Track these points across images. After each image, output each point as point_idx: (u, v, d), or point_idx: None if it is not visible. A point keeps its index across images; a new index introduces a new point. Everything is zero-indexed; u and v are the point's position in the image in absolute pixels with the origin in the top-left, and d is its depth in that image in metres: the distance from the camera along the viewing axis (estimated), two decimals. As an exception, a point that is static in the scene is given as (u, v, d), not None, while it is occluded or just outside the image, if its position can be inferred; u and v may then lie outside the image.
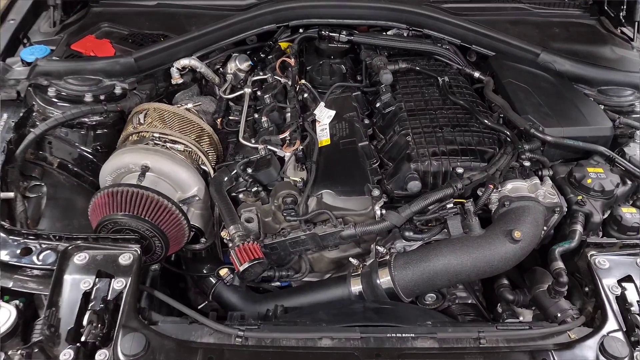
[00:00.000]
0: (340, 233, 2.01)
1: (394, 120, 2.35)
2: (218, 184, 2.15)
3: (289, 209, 2.02)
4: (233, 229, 1.97)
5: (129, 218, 1.95)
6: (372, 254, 2.12)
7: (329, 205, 2.04)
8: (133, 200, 1.97)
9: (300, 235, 2.04)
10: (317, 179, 2.09)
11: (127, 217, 1.95)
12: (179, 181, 2.15)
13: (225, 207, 2.04)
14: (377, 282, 1.98)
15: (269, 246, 2.07)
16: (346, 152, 2.19)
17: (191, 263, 2.40)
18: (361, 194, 2.05)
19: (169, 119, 2.30)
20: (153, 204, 1.99)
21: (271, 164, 2.12)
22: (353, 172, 2.11)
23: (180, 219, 2.05)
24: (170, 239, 2.04)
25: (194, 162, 2.24)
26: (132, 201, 1.97)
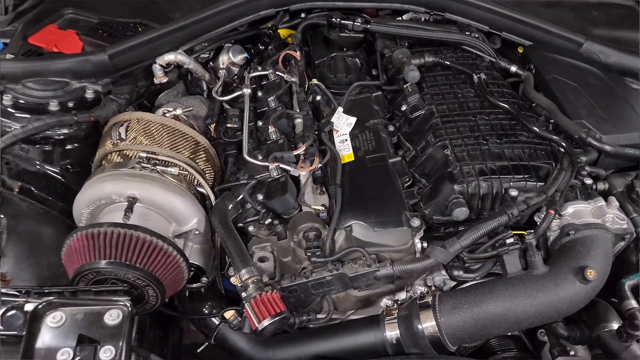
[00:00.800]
0: (375, 273, 1.66)
1: (424, 127, 1.99)
2: (222, 214, 1.77)
3: (313, 246, 1.66)
4: (246, 273, 1.60)
5: (115, 266, 1.57)
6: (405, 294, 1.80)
7: (360, 241, 1.69)
8: (120, 244, 1.58)
9: (325, 276, 1.68)
10: (344, 206, 1.73)
11: (113, 265, 1.57)
12: (175, 213, 1.76)
13: (234, 244, 1.67)
14: (419, 327, 1.65)
15: (286, 289, 1.71)
16: (375, 171, 1.83)
17: (189, 301, 2.02)
18: (398, 225, 1.70)
19: (157, 133, 1.89)
20: (145, 246, 1.61)
21: (287, 190, 1.74)
22: (386, 196, 1.76)
23: (178, 260, 1.68)
24: (166, 285, 1.67)
25: (190, 187, 1.84)
26: (119, 245, 1.58)
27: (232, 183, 1.91)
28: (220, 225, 1.73)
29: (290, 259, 1.71)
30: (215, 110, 2.23)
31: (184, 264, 1.70)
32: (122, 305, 1.51)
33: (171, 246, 1.65)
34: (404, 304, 1.80)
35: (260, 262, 1.73)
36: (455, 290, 1.75)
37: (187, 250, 1.80)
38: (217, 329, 1.98)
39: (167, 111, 2.06)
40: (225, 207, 1.79)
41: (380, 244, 1.69)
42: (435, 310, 1.65)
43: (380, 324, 1.75)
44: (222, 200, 1.81)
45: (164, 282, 1.66)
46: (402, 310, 1.77)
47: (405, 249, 1.69)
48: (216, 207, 1.80)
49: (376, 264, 1.66)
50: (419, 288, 1.75)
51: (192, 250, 1.81)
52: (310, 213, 1.73)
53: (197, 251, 1.83)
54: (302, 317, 1.79)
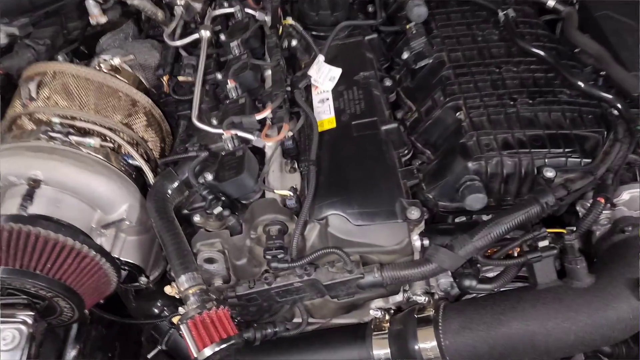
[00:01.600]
0: (359, 281, 1.25)
1: (431, 82, 1.51)
2: (160, 199, 1.35)
3: (275, 246, 1.23)
4: (186, 281, 1.20)
5: (8, 274, 1.17)
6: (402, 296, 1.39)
7: (339, 239, 1.26)
8: (12, 245, 1.17)
9: (293, 282, 1.27)
10: (320, 191, 1.29)
11: (7, 272, 1.16)
12: (96, 198, 1.34)
13: (173, 240, 1.26)
14: (415, 348, 1.27)
15: (244, 297, 1.31)
16: (363, 142, 1.38)
17: (134, 300, 1.64)
18: (390, 217, 1.26)
19: (79, 90, 1.44)
20: (49, 246, 1.20)
21: (244, 167, 1.30)
22: (376, 177, 1.31)
23: (97, 262, 1.27)
24: (84, 292, 1.27)
25: (119, 162, 1.41)
26: (11, 246, 1.17)
27: (178, 155, 1.47)
28: (156, 213, 1.31)
29: (245, 262, 1.29)
30: (169, 58, 1.77)
31: (107, 265, 1.30)
32: (21, 323, 1.13)
33: (85, 244, 1.24)
34: (398, 317, 1.39)
35: (207, 264, 1.31)
36: (465, 302, 1.33)
37: (119, 244, 1.39)
38: (169, 335, 1.60)
39: (103, 60, 1.60)
40: (164, 189, 1.37)
41: (366, 243, 1.26)
42: (437, 327, 1.26)
43: (367, 340, 1.36)
44: (160, 181, 1.38)
45: (79, 290, 1.26)
46: (395, 324, 1.36)
47: (399, 249, 1.26)
48: (153, 189, 1.37)
49: (360, 268, 1.24)
50: (419, 296, 1.33)
51: (125, 245, 1.41)
52: (273, 201, 1.30)
53: (133, 245, 1.42)
54: (266, 329, 1.39)
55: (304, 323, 1.42)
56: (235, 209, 1.37)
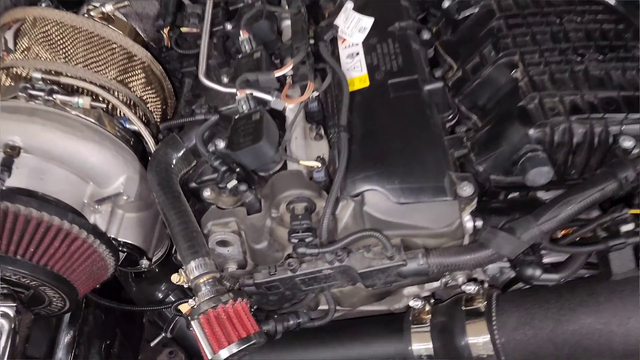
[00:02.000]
0: (400, 269, 1.05)
1: (478, 34, 1.29)
2: (163, 170, 1.14)
3: (303, 228, 1.03)
4: (196, 268, 1.01)
5: (-17, 260, 0.97)
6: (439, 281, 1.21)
7: (377, 219, 1.06)
8: (-14, 225, 0.97)
9: (322, 269, 1.08)
10: (353, 162, 1.09)
11: (-21, 258, 0.97)
12: (87, 168, 1.13)
13: (179, 219, 1.06)
14: (463, 343, 1.09)
15: (263, 285, 1.12)
16: (402, 105, 1.16)
17: (135, 284, 1.45)
18: (438, 194, 1.06)
19: (66, 41, 1.21)
20: (31, 227, 1.00)
21: (262, 133, 1.09)
22: (419, 147, 1.11)
23: (90, 244, 1.07)
24: (76, 279, 1.08)
25: (113, 126, 1.20)
26: (-14, 226, 0.97)
27: (183, 119, 1.26)
28: (158, 187, 1.11)
29: (265, 246, 1.09)
30: (170, 7, 1.53)
31: (102, 247, 1.10)
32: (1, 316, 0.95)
33: (76, 224, 1.04)
34: (441, 307, 1.21)
35: (220, 248, 1.12)
36: (523, 293, 1.15)
37: (115, 222, 1.19)
38: (175, 322, 1.43)
39: (92, 7, 1.37)
40: (168, 158, 1.16)
41: (409, 225, 1.06)
42: (491, 322, 1.10)
43: (405, 334, 1.19)
44: (163, 149, 1.17)
45: (70, 277, 1.07)
46: (438, 315, 1.19)
47: (448, 232, 1.06)
48: (154, 158, 1.16)
49: (402, 254, 1.05)
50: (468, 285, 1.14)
51: (123, 223, 1.21)
52: (298, 173, 1.09)
53: (132, 223, 1.22)
54: (288, 321, 1.21)
55: (330, 313, 1.24)
56: (252, 182, 1.16)
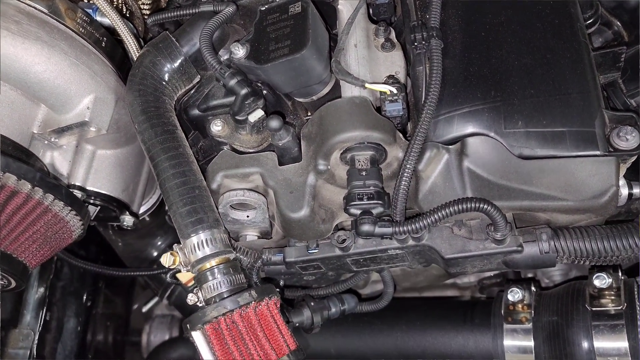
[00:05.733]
0: (512, 255, 0.68)
1: None
2: (149, 90, 0.74)
3: (368, 193, 0.65)
4: (199, 244, 0.65)
5: None
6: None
7: (485, 181, 0.67)
8: None
9: (387, 249, 0.71)
10: (449, 88, 0.68)
11: None
12: (35, 83, 0.73)
13: (174, 169, 0.69)
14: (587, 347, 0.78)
15: (297, 264, 0.76)
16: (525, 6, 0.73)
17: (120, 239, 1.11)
18: (585, 144, 0.66)
19: None
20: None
21: (307, 36, 0.68)
22: (558, 67, 0.69)
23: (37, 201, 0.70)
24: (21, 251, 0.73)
25: (78, 18, 0.78)
26: None
27: (182, 10, 0.83)
28: (143, 117, 0.72)
29: (307, 214, 0.70)
30: None
31: (58, 205, 0.73)
32: None
33: (11, 173, 0.66)
34: (550, 298, 0.85)
35: (236, 212, 0.74)
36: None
37: (83, 162, 0.82)
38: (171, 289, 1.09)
39: None
40: (159, 72, 0.75)
41: (535, 193, 0.67)
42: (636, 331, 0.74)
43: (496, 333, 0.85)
44: (150, 55, 0.76)
45: (9, 248, 0.71)
46: (545, 312, 0.84)
47: (595, 205, 0.67)
48: (136, 71, 0.75)
49: (516, 236, 0.67)
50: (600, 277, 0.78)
51: (94, 163, 0.83)
52: (361, 103, 0.69)
53: (108, 163, 0.84)
54: (328, 309, 0.86)
55: (386, 296, 0.89)
56: (286, 112, 0.77)
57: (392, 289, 0.89)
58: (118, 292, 1.29)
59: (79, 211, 0.77)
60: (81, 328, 1.19)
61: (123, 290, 1.31)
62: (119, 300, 1.30)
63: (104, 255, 1.22)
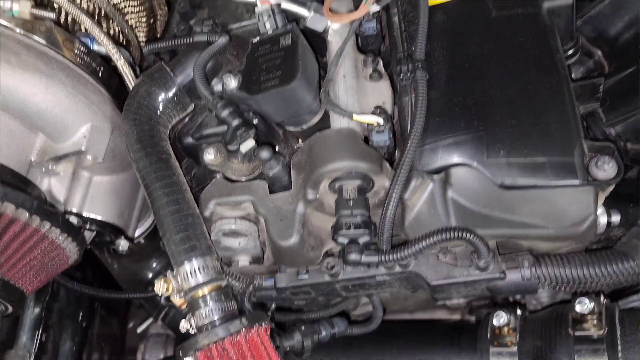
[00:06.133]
0: (494, 283, 0.70)
1: None
2: (144, 119, 0.77)
3: (356, 222, 0.67)
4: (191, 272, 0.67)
5: None
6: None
7: (467, 211, 0.70)
8: None
9: (375, 275, 0.73)
10: (434, 119, 0.71)
11: None
12: (32, 114, 0.75)
13: (167, 197, 0.71)
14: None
15: (288, 290, 0.78)
16: (512, 30, 0.76)
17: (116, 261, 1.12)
18: (564, 174, 0.69)
19: None
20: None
21: (297, 68, 0.70)
22: (538, 98, 0.72)
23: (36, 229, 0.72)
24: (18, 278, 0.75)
25: (75, 49, 0.81)
26: None
27: (177, 40, 0.86)
28: (138, 146, 0.74)
29: (296, 242, 0.73)
30: None
31: (55, 232, 0.75)
32: None
33: (10, 202, 0.68)
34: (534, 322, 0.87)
35: (227, 239, 0.76)
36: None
37: (79, 190, 0.84)
38: (165, 310, 1.11)
39: None
40: (153, 101, 0.78)
41: (517, 221, 0.69)
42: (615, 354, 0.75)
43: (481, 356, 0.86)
44: (145, 86, 0.79)
45: (7, 274, 0.73)
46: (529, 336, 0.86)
47: (575, 233, 0.69)
48: (132, 101, 0.78)
49: (499, 263, 0.69)
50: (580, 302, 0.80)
51: (90, 190, 0.85)
52: (349, 134, 0.71)
53: (104, 190, 0.86)
54: (318, 333, 0.88)
55: (376, 320, 0.91)
56: (276, 139, 0.79)
57: (382, 313, 0.90)
58: (114, 313, 1.31)
59: (75, 238, 0.79)
60: (77, 349, 1.20)
61: (119, 311, 1.32)
62: (115, 320, 1.31)
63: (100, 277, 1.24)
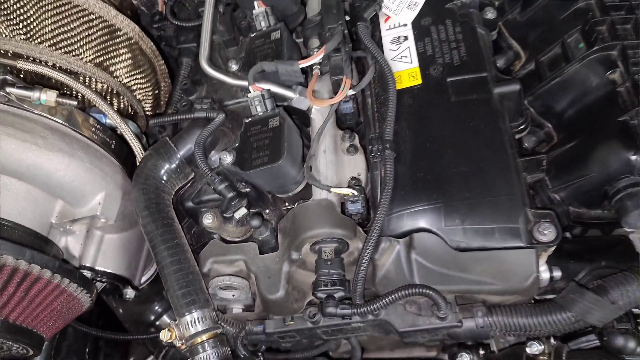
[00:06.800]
0: (453, 330, 0.82)
1: (560, 16, 1.01)
2: (151, 189, 0.89)
3: (332, 280, 0.79)
4: (192, 322, 0.78)
5: None
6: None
7: (429, 270, 0.82)
8: None
9: (351, 323, 0.85)
10: (400, 190, 0.83)
11: None
12: (55, 185, 0.87)
13: (172, 258, 0.82)
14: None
15: (275, 334, 0.89)
16: (467, 113, 0.89)
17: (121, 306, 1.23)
18: (510, 238, 0.81)
19: (25, 10, 0.93)
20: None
21: (282, 149, 0.83)
22: (489, 172, 0.84)
23: (57, 285, 0.84)
24: (39, 326, 0.85)
25: (92, 127, 0.93)
26: None
27: (179, 115, 0.99)
28: (146, 212, 0.86)
29: (282, 295, 0.85)
30: (166, -38, 1.23)
31: (72, 286, 0.86)
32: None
33: (36, 263, 0.80)
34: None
35: (223, 292, 0.88)
36: (601, 354, 0.91)
37: (92, 246, 0.95)
38: (166, 350, 1.21)
39: (67, -39, 1.07)
40: (158, 172, 0.90)
41: (471, 279, 0.82)
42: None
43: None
44: (152, 159, 0.91)
45: (31, 324, 0.84)
46: (489, 375, 0.96)
47: (520, 289, 0.82)
48: (140, 172, 0.90)
49: (456, 313, 0.81)
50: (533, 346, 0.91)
51: (102, 247, 0.97)
52: (327, 205, 0.84)
53: (114, 246, 0.98)
54: (303, 373, 0.99)
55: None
56: (265, 204, 0.91)
57: (360, 353, 1.01)
58: (116, 351, 1.41)
59: (89, 289, 0.91)
60: (82, 387, 1.30)
61: (120, 349, 1.42)
62: (117, 357, 1.41)
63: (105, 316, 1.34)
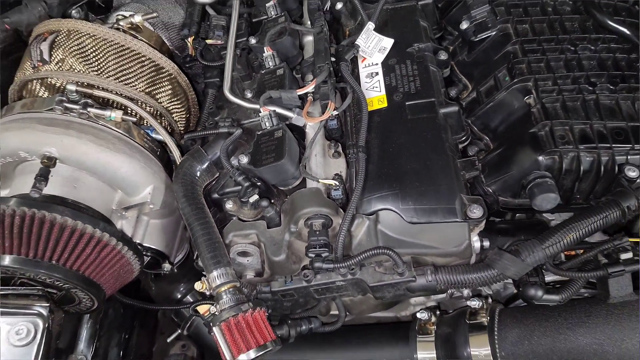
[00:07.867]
0: (409, 284, 1.12)
1: (494, 58, 1.34)
2: (188, 183, 1.20)
3: (320, 243, 1.10)
4: (218, 277, 1.07)
5: (21, 265, 1.04)
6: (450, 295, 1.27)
7: (390, 238, 1.12)
8: (25, 232, 1.04)
9: (335, 281, 1.14)
10: (369, 182, 1.15)
11: (18, 263, 1.04)
12: (117, 178, 1.20)
13: (203, 230, 1.12)
14: (465, 354, 1.16)
15: (279, 293, 1.19)
16: (420, 127, 1.21)
17: (154, 284, 1.53)
18: (449, 215, 1.12)
19: (97, 53, 1.27)
20: (65, 234, 1.07)
21: (284, 152, 1.15)
22: (434, 169, 1.16)
23: (118, 251, 1.15)
24: (104, 283, 1.15)
25: (143, 138, 1.26)
26: (23, 233, 1.04)
27: (207, 131, 1.32)
28: (184, 199, 1.17)
29: (284, 258, 1.16)
30: (195, 16, 1.58)
31: (129, 253, 1.17)
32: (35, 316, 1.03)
33: (107, 232, 1.11)
34: (446, 319, 1.27)
35: (240, 257, 1.18)
36: (525, 310, 1.21)
37: (141, 228, 1.26)
38: (191, 321, 1.50)
39: (121, 17, 1.43)
40: (193, 171, 1.22)
41: (420, 244, 1.12)
42: (493, 335, 1.17)
43: (410, 342, 1.26)
44: (188, 161, 1.23)
45: (99, 280, 1.14)
46: (443, 327, 1.26)
47: (457, 252, 1.12)
48: (180, 170, 1.22)
49: (412, 271, 1.11)
50: (472, 301, 1.21)
51: (148, 229, 1.28)
52: (317, 191, 1.15)
53: (156, 229, 1.29)
54: (300, 326, 1.28)
55: (341, 319, 1.31)
56: (272, 195, 1.22)
57: (344, 314, 1.30)
58: (146, 329, 1.70)
59: (140, 258, 1.21)
60: (121, 355, 1.58)
61: (150, 327, 1.71)
62: (147, 334, 1.70)
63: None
